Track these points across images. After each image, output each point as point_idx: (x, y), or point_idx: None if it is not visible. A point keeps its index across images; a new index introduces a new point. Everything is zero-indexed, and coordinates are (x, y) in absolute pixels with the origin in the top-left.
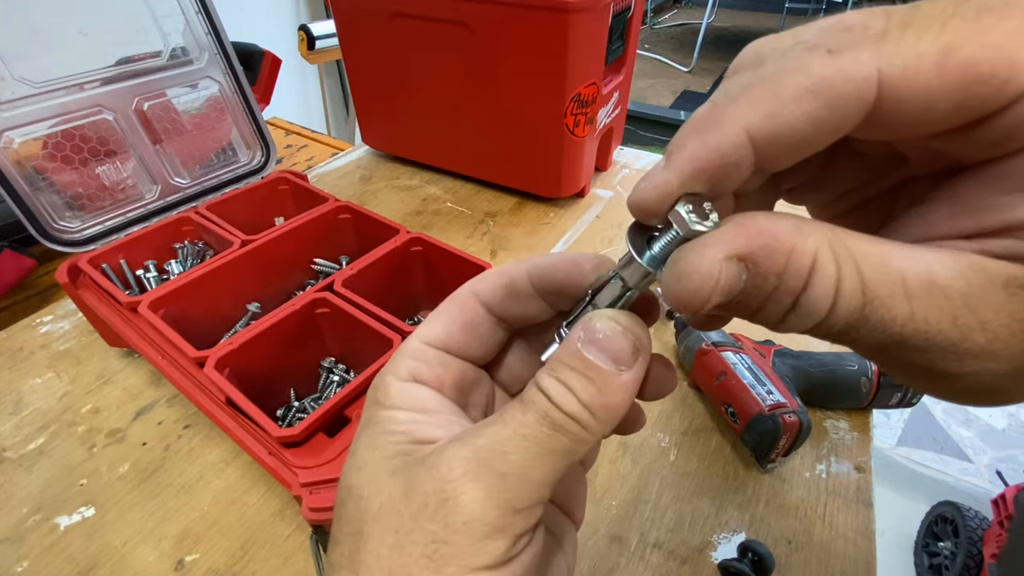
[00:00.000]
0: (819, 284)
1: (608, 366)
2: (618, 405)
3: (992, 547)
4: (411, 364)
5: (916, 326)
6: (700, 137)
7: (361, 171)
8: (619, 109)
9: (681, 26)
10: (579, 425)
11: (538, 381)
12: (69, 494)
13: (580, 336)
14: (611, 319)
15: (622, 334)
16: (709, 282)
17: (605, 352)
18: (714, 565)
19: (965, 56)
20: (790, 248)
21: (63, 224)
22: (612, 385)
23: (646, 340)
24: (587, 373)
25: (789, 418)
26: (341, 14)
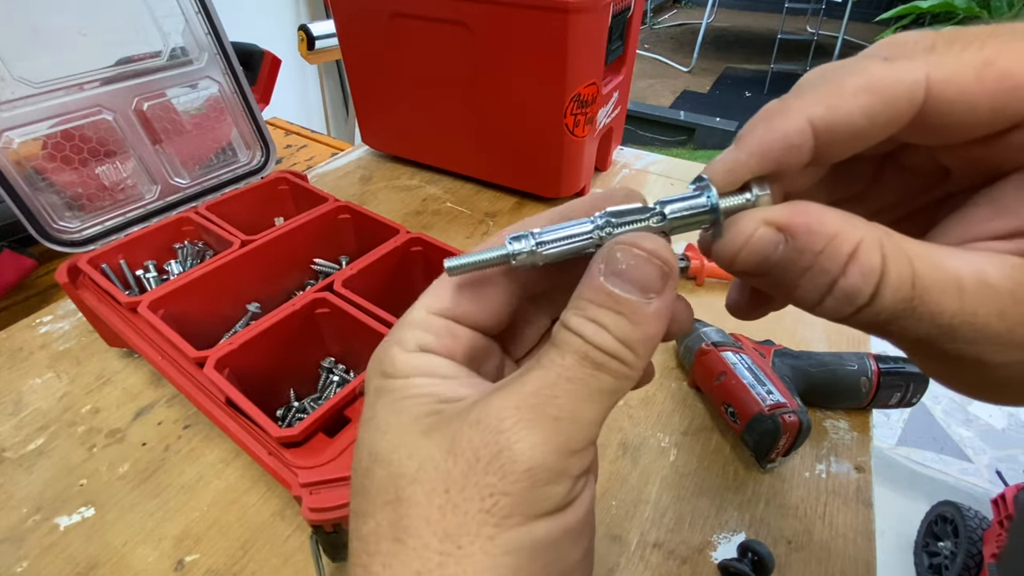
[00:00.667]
0: (857, 272)
1: (636, 296)
2: (654, 336)
3: (992, 547)
4: (418, 335)
5: (965, 318)
6: (768, 123)
7: (361, 171)
8: (619, 109)
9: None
10: (619, 362)
11: (566, 322)
12: (69, 494)
13: (601, 268)
14: (631, 245)
15: (647, 260)
16: (741, 237)
17: (631, 282)
18: (714, 565)
19: (1002, 67)
20: (833, 233)
21: (63, 224)
22: (644, 316)
23: (673, 260)
24: (616, 307)
25: (789, 418)
26: (341, 14)
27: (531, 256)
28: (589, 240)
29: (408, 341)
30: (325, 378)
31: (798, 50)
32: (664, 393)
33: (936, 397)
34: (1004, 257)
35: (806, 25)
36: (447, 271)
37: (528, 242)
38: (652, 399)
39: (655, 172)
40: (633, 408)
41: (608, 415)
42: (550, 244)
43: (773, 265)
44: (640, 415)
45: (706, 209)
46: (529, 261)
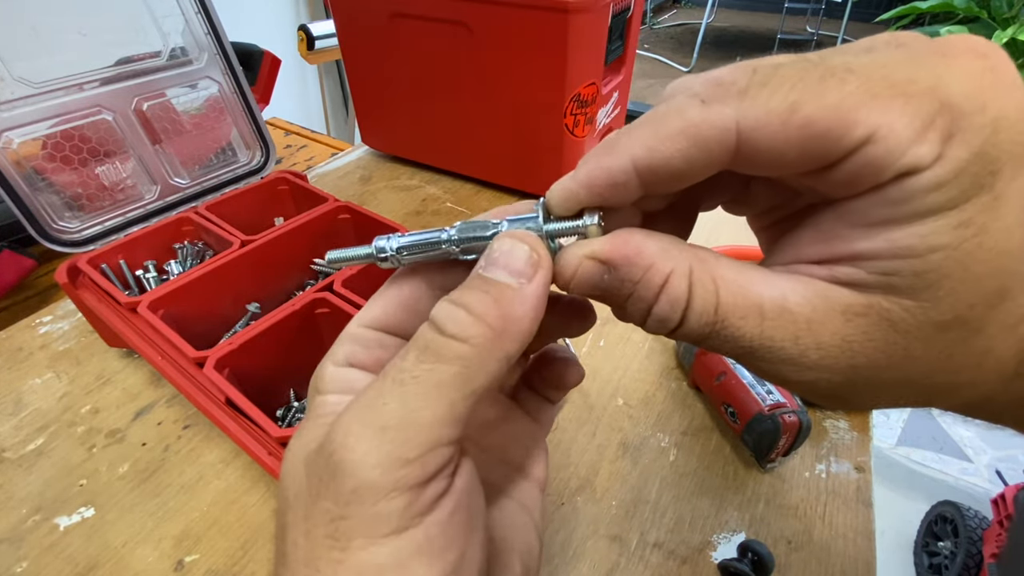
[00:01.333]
0: (666, 300)
1: (507, 279)
2: (519, 317)
3: (992, 547)
4: (348, 348)
5: (763, 342)
6: (598, 159)
7: (361, 171)
8: (619, 109)
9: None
10: (467, 344)
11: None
12: (69, 494)
13: (482, 263)
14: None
15: (519, 247)
16: (568, 269)
17: (504, 268)
18: (714, 565)
19: (805, 115)
20: (649, 264)
21: (62, 224)
22: (511, 296)
23: (545, 254)
24: (483, 288)
25: (789, 418)
26: (341, 14)
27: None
28: (441, 249)
29: (338, 354)
30: None
31: (798, 50)
32: (664, 393)
33: None
34: (810, 283)
35: (806, 25)
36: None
37: (390, 243)
38: (652, 399)
39: None
40: (633, 408)
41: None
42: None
43: (604, 290)
44: (640, 415)
45: (537, 232)
46: (395, 260)
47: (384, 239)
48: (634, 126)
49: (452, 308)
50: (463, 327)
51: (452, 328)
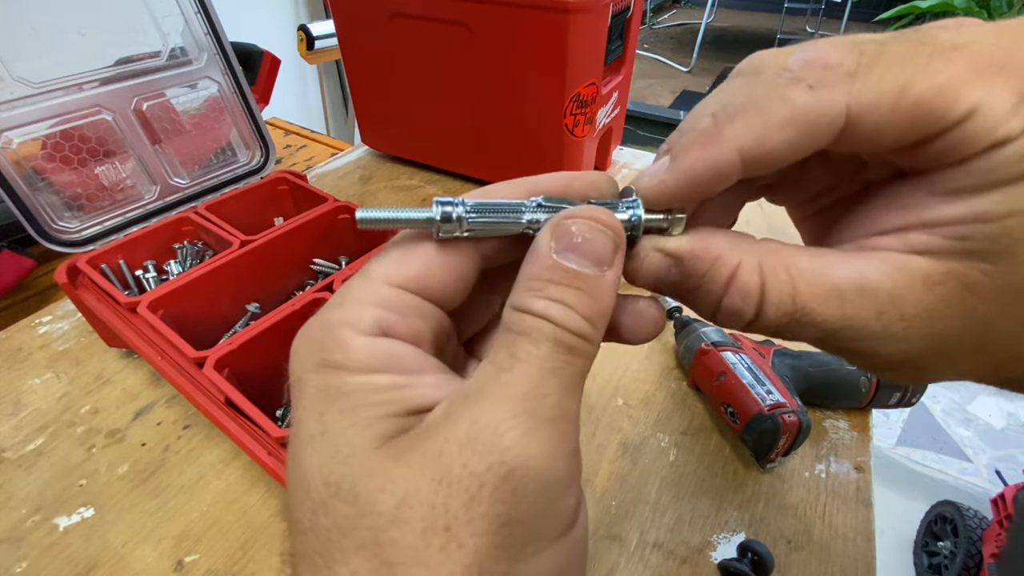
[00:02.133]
0: (737, 293)
1: (593, 270)
2: (609, 309)
3: (991, 547)
4: (379, 314)
5: (845, 323)
6: (700, 151)
7: (360, 171)
8: (618, 109)
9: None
10: (586, 341)
11: (528, 306)
12: (68, 495)
13: (552, 246)
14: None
15: (602, 233)
16: (635, 261)
17: (586, 256)
18: (714, 565)
19: (917, 94)
20: (715, 258)
21: (62, 224)
22: (602, 289)
23: (622, 233)
24: (575, 284)
25: (789, 418)
26: (340, 14)
27: (457, 224)
28: (518, 220)
29: (365, 320)
30: None
31: None
32: (664, 393)
33: (935, 397)
34: (886, 256)
35: (805, 25)
36: (359, 222)
37: (457, 209)
38: (652, 399)
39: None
40: (633, 408)
41: None
42: (480, 216)
43: (669, 284)
44: (640, 415)
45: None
46: (453, 230)
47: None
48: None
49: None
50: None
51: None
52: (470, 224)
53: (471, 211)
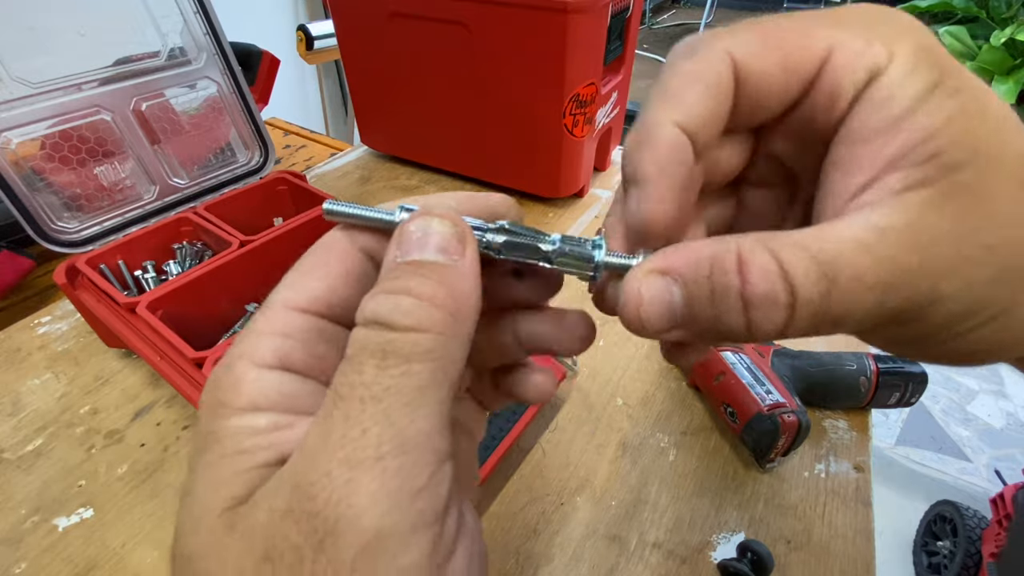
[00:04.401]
0: (756, 273)
1: (439, 258)
2: (468, 293)
3: (991, 546)
4: (277, 344)
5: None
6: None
7: (360, 171)
8: (618, 109)
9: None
10: (431, 333)
11: (359, 312)
12: (68, 495)
13: (396, 253)
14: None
15: (439, 223)
16: (632, 299)
17: (429, 247)
18: (713, 565)
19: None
20: (709, 254)
21: (61, 225)
22: (449, 272)
23: (465, 227)
24: (417, 271)
25: (788, 418)
26: (339, 14)
27: None
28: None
29: (262, 351)
30: None
31: None
32: (663, 393)
33: (935, 397)
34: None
35: None
36: (326, 214)
37: None
38: (651, 399)
39: None
40: (632, 408)
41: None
42: None
43: (681, 315)
44: (639, 415)
45: (592, 262)
46: None
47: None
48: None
49: (395, 299)
50: (418, 317)
51: (406, 320)
52: None
53: None
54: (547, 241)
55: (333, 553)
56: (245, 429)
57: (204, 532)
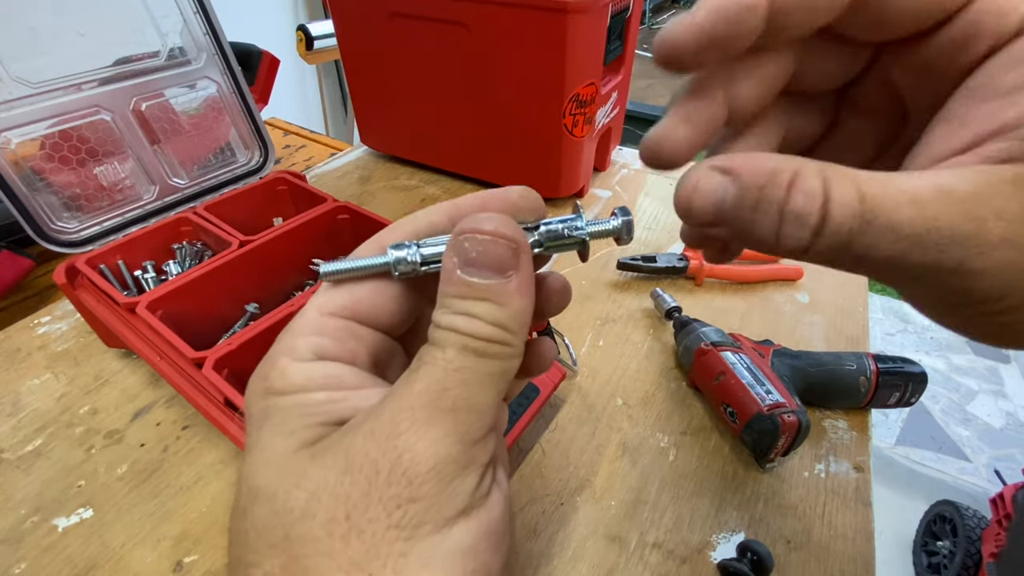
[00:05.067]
0: (800, 195)
1: (495, 279)
2: (523, 308)
3: (990, 546)
4: (313, 341)
5: (927, 224)
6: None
7: (360, 171)
8: (617, 109)
9: None
10: (498, 344)
11: (437, 321)
12: (67, 495)
13: (455, 262)
14: (474, 232)
15: (494, 243)
16: (689, 184)
17: (486, 267)
18: (713, 565)
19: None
20: (771, 168)
21: (61, 225)
22: (508, 295)
23: (518, 234)
24: (480, 295)
25: (788, 418)
26: (339, 14)
27: (412, 266)
28: None
29: (300, 348)
30: None
31: None
32: (663, 393)
33: (935, 397)
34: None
35: None
36: (322, 276)
37: (410, 251)
38: (651, 399)
39: (653, 172)
40: (632, 408)
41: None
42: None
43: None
44: (639, 415)
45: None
46: (410, 270)
47: (399, 247)
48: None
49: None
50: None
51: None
52: (423, 260)
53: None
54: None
55: (409, 467)
56: (304, 402)
57: (277, 466)
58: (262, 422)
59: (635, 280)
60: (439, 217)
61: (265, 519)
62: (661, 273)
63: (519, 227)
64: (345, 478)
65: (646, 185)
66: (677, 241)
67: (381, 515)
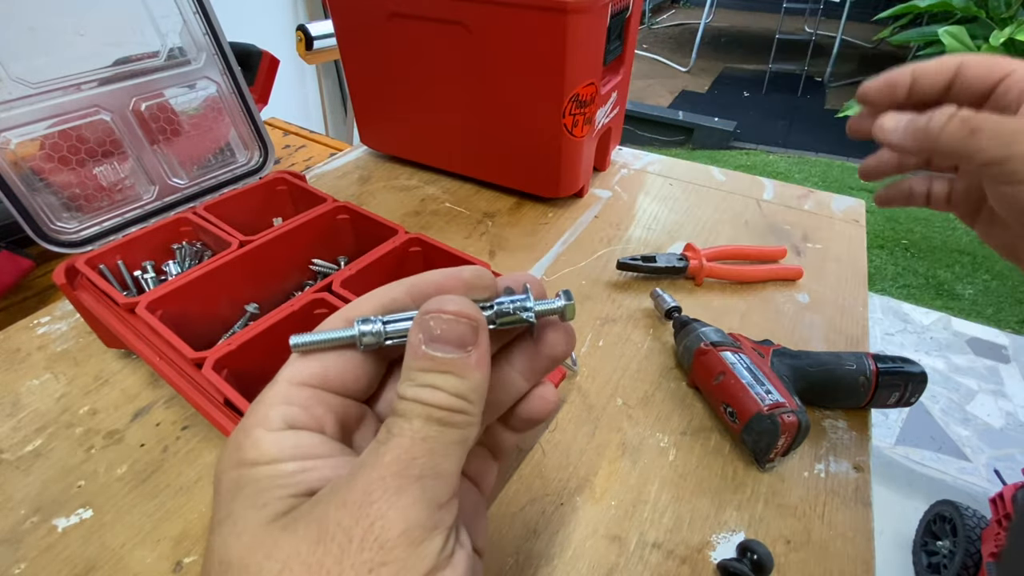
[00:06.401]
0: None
1: (456, 354)
2: (482, 379)
3: (990, 546)
4: (284, 411)
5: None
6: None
7: (359, 171)
8: (617, 109)
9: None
10: (459, 413)
11: (403, 393)
12: (67, 496)
13: (421, 338)
14: (439, 312)
15: (456, 322)
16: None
17: (448, 343)
18: (713, 565)
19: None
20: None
21: (60, 225)
22: (468, 367)
23: (479, 315)
24: (443, 368)
25: (788, 418)
26: (339, 14)
27: (377, 339)
28: None
29: (272, 419)
30: None
31: (796, 50)
32: (663, 393)
33: (934, 397)
34: None
35: (804, 25)
36: (293, 348)
37: (375, 326)
38: (651, 399)
39: (653, 172)
40: (632, 408)
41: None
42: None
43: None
44: (639, 415)
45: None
46: (375, 343)
47: (366, 322)
48: None
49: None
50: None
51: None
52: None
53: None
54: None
55: (379, 532)
56: (275, 473)
57: (249, 537)
58: (235, 493)
59: (635, 280)
60: (399, 294)
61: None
62: (661, 273)
63: (478, 307)
64: (318, 547)
65: (645, 185)
66: (677, 241)
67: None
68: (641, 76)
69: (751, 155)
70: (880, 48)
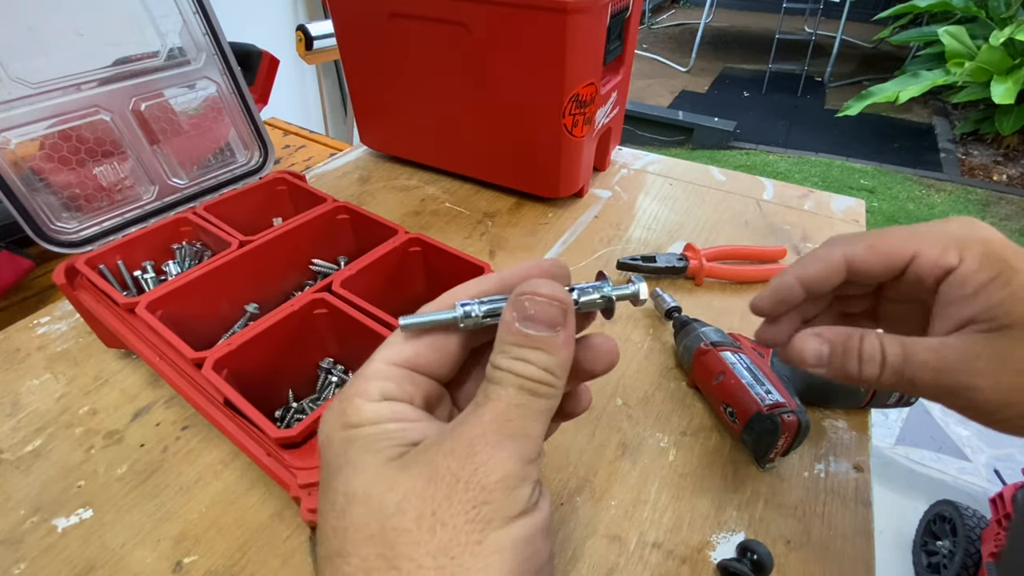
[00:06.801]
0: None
1: (547, 332)
2: (567, 357)
3: (990, 546)
4: (381, 385)
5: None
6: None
7: (359, 171)
8: (617, 109)
9: (679, 26)
10: (546, 385)
11: (498, 363)
12: (67, 496)
13: (515, 316)
14: (532, 294)
15: (548, 304)
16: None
17: (540, 322)
18: (713, 565)
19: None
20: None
21: (60, 225)
22: (556, 345)
23: (568, 300)
24: (534, 344)
25: (788, 418)
26: (339, 14)
27: (475, 319)
28: None
29: (371, 392)
30: (324, 379)
31: (796, 50)
32: (663, 393)
33: None
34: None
35: (804, 25)
36: (401, 328)
37: (475, 307)
38: (651, 399)
39: (653, 172)
40: (632, 408)
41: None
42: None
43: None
44: (639, 415)
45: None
46: (474, 323)
47: (466, 304)
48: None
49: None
50: (540, 376)
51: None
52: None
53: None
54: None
55: (482, 477)
56: (380, 430)
57: (371, 475)
58: (348, 445)
59: None
60: (489, 285)
61: (362, 516)
62: (661, 273)
63: (567, 292)
64: (430, 485)
65: (645, 185)
66: (677, 241)
67: (461, 513)
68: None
69: (751, 155)
70: (880, 48)
